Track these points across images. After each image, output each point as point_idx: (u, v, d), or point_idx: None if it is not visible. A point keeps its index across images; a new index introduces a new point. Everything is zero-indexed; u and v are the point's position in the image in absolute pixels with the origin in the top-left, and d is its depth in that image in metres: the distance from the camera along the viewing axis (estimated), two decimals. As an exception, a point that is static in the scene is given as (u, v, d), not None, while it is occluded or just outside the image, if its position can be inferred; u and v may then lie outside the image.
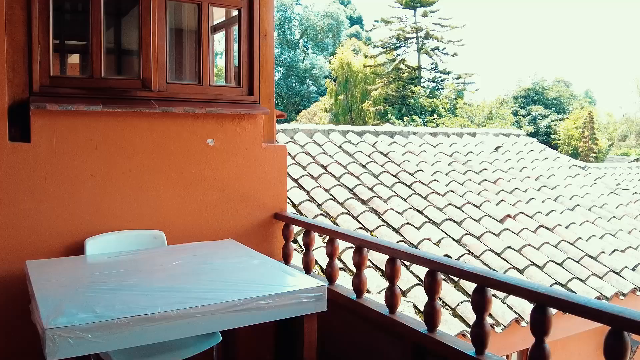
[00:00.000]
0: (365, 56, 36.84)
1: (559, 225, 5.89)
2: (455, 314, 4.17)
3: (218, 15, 3.84)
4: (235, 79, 3.61)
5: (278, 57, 42.51)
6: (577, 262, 5.28)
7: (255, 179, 3.57)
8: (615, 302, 4.90)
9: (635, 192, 7.64)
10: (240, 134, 3.49)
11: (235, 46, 3.60)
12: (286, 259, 3.57)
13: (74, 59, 5.14)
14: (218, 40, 4.72)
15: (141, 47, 3.15)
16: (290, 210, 5.00)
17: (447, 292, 4.35)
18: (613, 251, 5.64)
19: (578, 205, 6.58)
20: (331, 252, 3.20)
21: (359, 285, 2.98)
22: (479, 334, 2.21)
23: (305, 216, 5.06)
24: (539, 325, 1.97)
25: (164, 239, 3.17)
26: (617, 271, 5.28)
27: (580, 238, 5.71)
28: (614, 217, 6.50)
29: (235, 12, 3.58)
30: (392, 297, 2.74)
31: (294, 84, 43.47)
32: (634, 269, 5.41)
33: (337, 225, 5.05)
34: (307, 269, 3.44)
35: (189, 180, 3.35)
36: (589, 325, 4.25)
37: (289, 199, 5.30)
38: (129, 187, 3.16)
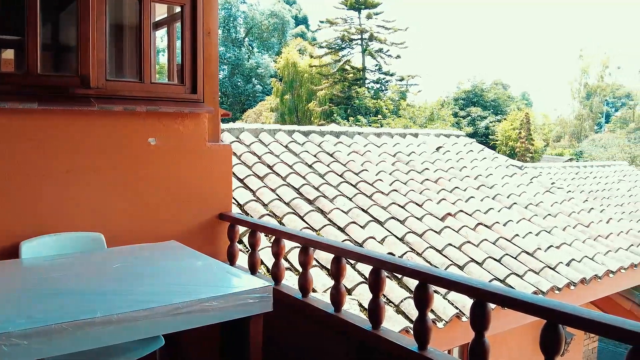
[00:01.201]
0: (311, 56, 36.95)
1: (497, 222, 6.10)
2: (399, 311, 4.24)
3: (160, 11, 3.75)
4: (178, 77, 3.54)
5: (223, 55, 41.98)
6: (515, 258, 5.48)
7: (199, 179, 3.51)
8: (551, 296, 5.12)
9: (569, 191, 8.02)
10: (184, 133, 3.43)
11: (179, 43, 3.53)
12: (231, 259, 3.54)
13: (9, 54, 4.89)
14: (160, 37, 4.61)
15: (80, 42, 3.04)
16: (235, 211, 4.95)
17: (391, 289, 4.43)
18: (548, 247, 5.89)
19: (515, 203, 6.83)
20: (277, 252, 3.19)
21: (304, 284, 2.99)
22: (421, 330, 2.26)
23: (251, 216, 5.03)
24: (479, 320, 2.04)
25: (104, 242, 3.08)
26: (553, 266, 5.51)
27: (517, 235, 5.93)
28: (549, 214, 6.79)
29: (178, 9, 3.52)
30: (337, 295, 2.76)
31: (239, 83, 43.08)
32: (568, 264, 5.66)
33: (284, 225, 5.04)
34: (253, 269, 3.42)
35: (130, 180, 3.26)
36: (527, 319, 4.43)
37: (235, 199, 5.25)
38: (66, 187, 3.05)
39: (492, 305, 2.07)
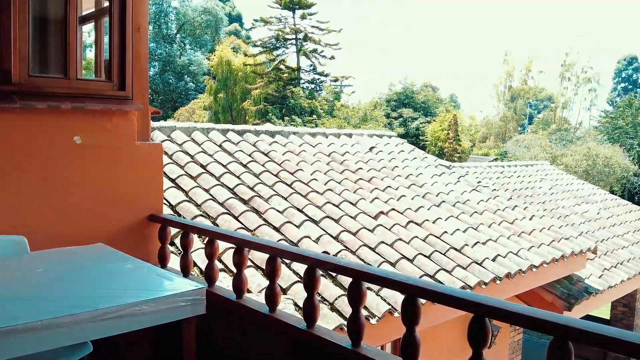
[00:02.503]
0: (245, 55, 36.64)
1: (427, 220, 6.29)
2: (334, 308, 4.29)
3: (88, 5, 3.60)
4: (106, 73, 3.41)
5: (153, 51, 40.87)
6: (444, 254, 5.67)
7: (128, 179, 3.40)
8: (478, 290, 5.33)
9: (495, 189, 8.37)
10: (112, 131, 3.31)
11: (107, 39, 3.41)
12: (162, 262, 3.45)
13: None
14: (87, 32, 4.43)
15: (1, 36, 2.87)
16: (167, 212, 4.83)
17: (326, 287, 4.47)
18: (475, 243, 6.13)
19: (444, 201, 7.07)
20: (210, 253, 3.14)
21: (239, 285, 2.96)
22: (354, 327, 2.29)
23: (184, 217, 4.92)
24: (410, 315, 2.10)
25: (27, 245, 2.92)
26: (479, 262, 5.74)
27: (446, 232, 6.13)
28: (475, 212, 7.06)
29: (106, 3, 3.39)
30: (272, 295, 2.76)
31: (170, 80, 42.07)
32: (494, 260, 5.91)
33: (217, 225, 4.97)
34: (185, 271, 3.35)
35: (55, 180, 3.11)
36: (456, 313, 4.59)
37: (166, 200, 5.12)
38: (-17, 188, 2.87)
39: (422, 301, 2.13)
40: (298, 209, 5.70)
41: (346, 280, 4.45)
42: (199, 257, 4.29)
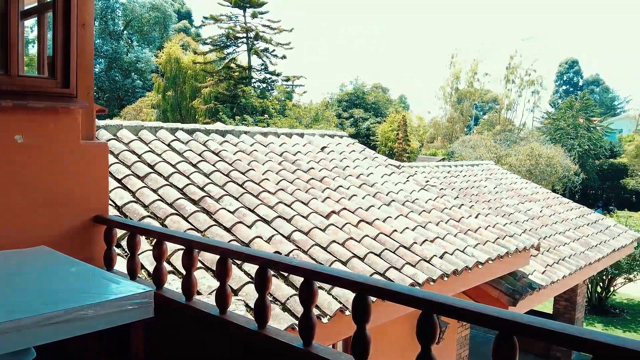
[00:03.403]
0: (195, 52, 36.12)
1: (378, 219, 6.38)
2: (285, 308, 4.29)
3: (29, -1, 3.47)
4: (49, 70, 3.29)
5: (99, 48, 39.69)
6: (393, 252, 5.76)
7: (72, 179, 3.29)
8: (427, 287, 5.44)
9: (442, 188, 8.56)
10: (55, 129, 3.20)
11: (50, 34, 3.28)
12: (109, 265, 3.36)
13: None
14: (30, 27, 4.25)
15: None
16: (113, 213, 4.71)
17: (278, 287, 4.46)
18: (424, 241, 6.26)
19: (393, 200, 7.18)
20: (159, 255, 3.08)
21: (188, 287, 2.92)
22: (306, 326, 2.30)
23: (131, 218, 4.81)
24: (360, 313, 2.12)
25: (-39, 249, 2.78)
26: (428, 259, 5.87)
27: (395, 230, 6.24)
28: (424, 210, 7.21)
29: (49, -3, 3.27)
30: (222, 297, 2.73)
31: (117, 78, 40.97)
32: (441, 257, 6.06)
33: (166, 227, 4.88)
34: (133, 274, 3.27)
35: (-7, 181, 2.98)
36: (405, 310, 4.68)
37: (112, 201, 4.99)
38: None
39: (372, 299, 2.17)
40: (249, 209, 5.66)
41: (298, 280, 4.46)
42: (147, 259, 4.21)
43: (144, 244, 4.39)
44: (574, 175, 29.84)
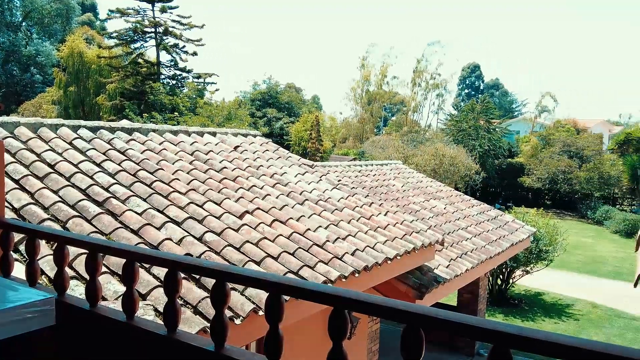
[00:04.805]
0: (100, 47, 34.50)
1: (291, 218, 6.41)
2: (197, 311, 4.20)
3: None
4: None
5: (-8, 39, 36.86)
6: (307, 250, 5.82)
7: (-40, 180, 3.03)
8: (339, 284, 5.54)
9: (353, 187, 8.75)
10: (-61, 126, 2.93)
11: None
12: (5, 271, 3.12)
13: None
14: None
15: None
16: (10, 215, 4.39)
17: (189, 290, 4.36)
18: (336, 239, 6.36)
19: (307, 199, 7.24)
20: (60, 260, 2.91)
21: (93, 292, 2.78)
22: (218, 328, 2.27)
23: (29, 221, 4.50)
24: (273, 312, 2.12)
25: None
26: (340, 257, 5.97)
27: (309, 229, 6.29)
28: (336, 209, 7.34)
29: None
30: (130, 302, 2.62)
31: (14, 72, 38.26)
32: (353, 254, 6.18)
33: (68, 230, 4.62)
34: (32, 280, 3.06)
35: None
36: (318, 307, 4.74)
37: (9, 203, 4.65)
38: None
39: (286, 297, 2.17)
40: (159, 210, 5.48)
41: (210, 282, 4.39)
42: (47, 264, 3.96)
43: (44, 248, 4.13)
44: (475, 174, 31.62)
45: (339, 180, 8.89)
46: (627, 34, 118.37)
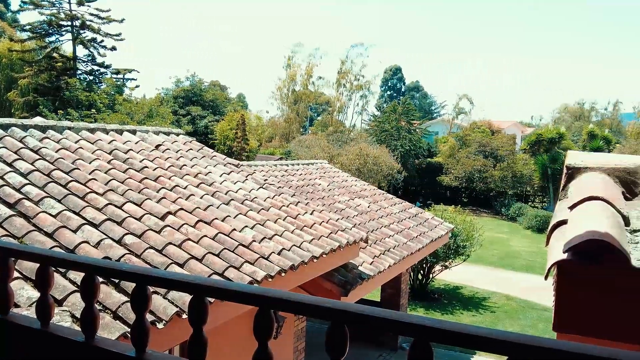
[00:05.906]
0: (11, 40, 32.41)
1: (216, 218, 6.32)
2: (117, 317, 4.06)
3: None
4: None
5: None
6: (232, 251, 5.76)
7: None
8: (265, 284, 5.53)
9: (280, 187, 8.76)
10: None
11: None
12: None
13: None
14: None
15: None
16: None
17: (108, 295, 4.20)
18: (262, 239, 6.34)
19: (233, 199, 7.17)
20: (-35, 266, 2.72)
21: (4, 299, 2.62)
22: (139, 333, 2.21)
23: None
24: (196, 315, 2.09)
25: None
26: (266, 256, 5.96)
27: (234, 229, 6.24)
28: (263, 209, 7.31)
29: None
30: (44, 308, 2.50)
31: None
32: (279, 253, 6.19)
33: (-26, 233, 4.32)
34: None
35: None
36: (244, 308, 4.71)
37: None
38: None
39: (210, 299, 2.15)
40: (74, 212, 5.24)
41: (131, 286, 4.25)
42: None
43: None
44: (397, 173, 32.53)
45: (265, 179, 8.87)
46: (539, 39, 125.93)
